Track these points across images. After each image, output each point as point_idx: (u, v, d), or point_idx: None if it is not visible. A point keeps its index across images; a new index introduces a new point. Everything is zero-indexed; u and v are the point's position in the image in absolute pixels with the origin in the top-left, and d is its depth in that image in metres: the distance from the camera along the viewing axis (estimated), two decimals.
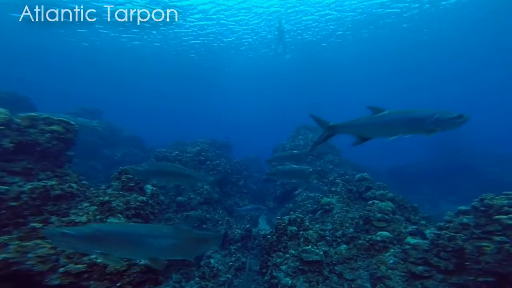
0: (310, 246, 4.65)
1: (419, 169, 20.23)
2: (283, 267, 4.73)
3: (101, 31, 19.57)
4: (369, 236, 5.15)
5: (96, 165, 13.56)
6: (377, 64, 27.55)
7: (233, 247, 6.97)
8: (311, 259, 4.48)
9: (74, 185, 4.23)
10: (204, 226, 7.78)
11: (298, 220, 5.32)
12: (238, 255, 6.75)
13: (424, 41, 22.01)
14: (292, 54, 22.46)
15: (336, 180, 7.76)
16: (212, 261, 6.30)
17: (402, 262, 4.62)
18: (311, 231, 5.04)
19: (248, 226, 7.47)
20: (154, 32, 20.19)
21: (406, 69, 29.05)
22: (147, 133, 23.54)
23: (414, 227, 5.10)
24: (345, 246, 5.02)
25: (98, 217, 3.63)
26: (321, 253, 4.57)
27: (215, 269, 5.89)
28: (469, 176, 16.69)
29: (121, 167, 4.81)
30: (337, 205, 6.43)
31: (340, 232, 5.39)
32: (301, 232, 5.12)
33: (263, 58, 25.29)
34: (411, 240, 4.85)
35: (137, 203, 4.38)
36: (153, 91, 38.59)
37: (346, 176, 8.92)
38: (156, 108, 57.31)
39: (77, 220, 3.44)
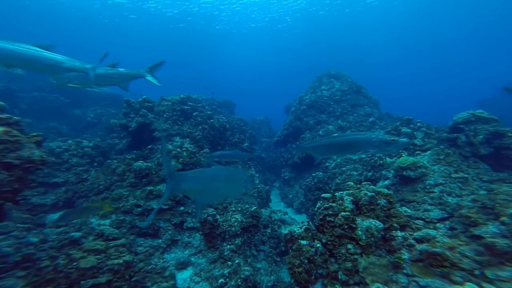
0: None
1: None
2: None
3: None
4: None
5: (59, 127, 10.49)
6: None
7: (228, 246, 3.85)
8: None
9: None
10: (182, 208, 4.66)
11: (383, 201, 2.04)
12: (237, 261, 3.65)
13: None
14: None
15: (416, 125, 4.35)
16: (182, 277, 3.22)
17: None
18: (439, 235, 1.75)
19: (254, 208, 4.29)
20: None
21: None
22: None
23: None
24: None
25: None
26: None
27: None
28: None
29: None
30: (435, 168, 3.05)
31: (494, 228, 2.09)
32: (398, 234, 1.84)
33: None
34: None
35: None
36: (148, 51, 33.96)
37: (410, 125, 5.42)
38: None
39: None
